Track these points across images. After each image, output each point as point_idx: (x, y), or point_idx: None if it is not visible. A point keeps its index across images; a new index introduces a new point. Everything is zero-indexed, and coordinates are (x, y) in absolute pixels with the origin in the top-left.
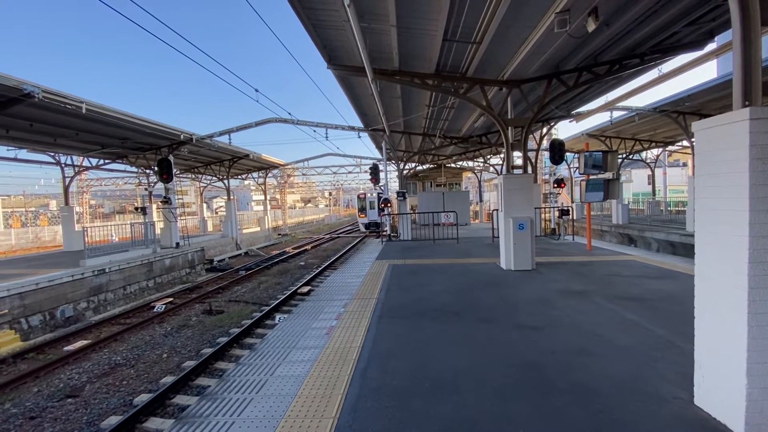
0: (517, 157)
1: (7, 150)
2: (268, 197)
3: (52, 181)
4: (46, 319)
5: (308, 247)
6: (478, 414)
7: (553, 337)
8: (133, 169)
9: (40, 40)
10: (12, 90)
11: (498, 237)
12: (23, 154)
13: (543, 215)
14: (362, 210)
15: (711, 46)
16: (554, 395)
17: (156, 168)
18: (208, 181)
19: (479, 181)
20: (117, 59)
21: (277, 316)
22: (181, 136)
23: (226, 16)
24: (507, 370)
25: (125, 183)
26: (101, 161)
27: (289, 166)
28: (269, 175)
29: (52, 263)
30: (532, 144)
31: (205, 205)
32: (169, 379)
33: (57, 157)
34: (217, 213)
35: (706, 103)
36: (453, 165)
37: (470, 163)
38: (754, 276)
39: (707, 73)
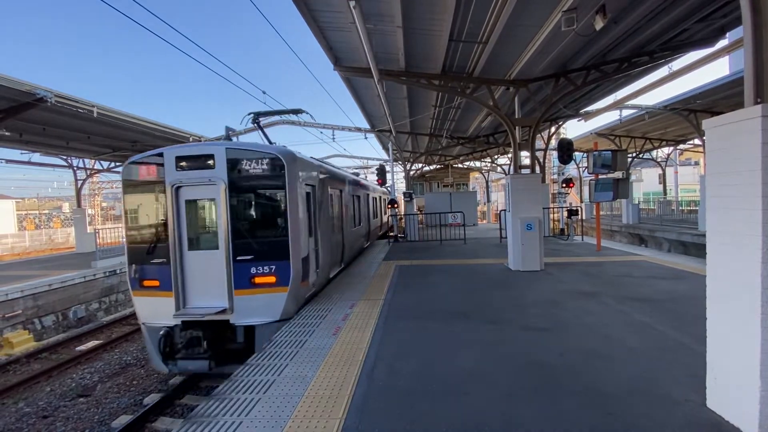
0: (525, 157)
1: (21, 153)
2: None
3: (65, 183)
4: (58, 319)
5: None
6: (486, 416)
7: (563, 339)
8: None
9: (39, 38)
10: (25, 95)
11: (506, 237)
12: (36, 157)
13: (551, 215)
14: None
15: (722, 43)
16: (563, 397)
17: None
18: None
19: (487, 182)
20: (118, 59)
21: None
22: (190, 139)
23: (231, 19)
24: (515, 372)
25: None
26: (112, 164)
27: None
28: None
29: (65, 264)
30: (540, 143)
31: None
32: (178, 380)
33: (69, 160)
34: None
35: (717, 100)
36: (460, 165)
37: (477, 164)
38: (767, 276)
39: (719, 70)
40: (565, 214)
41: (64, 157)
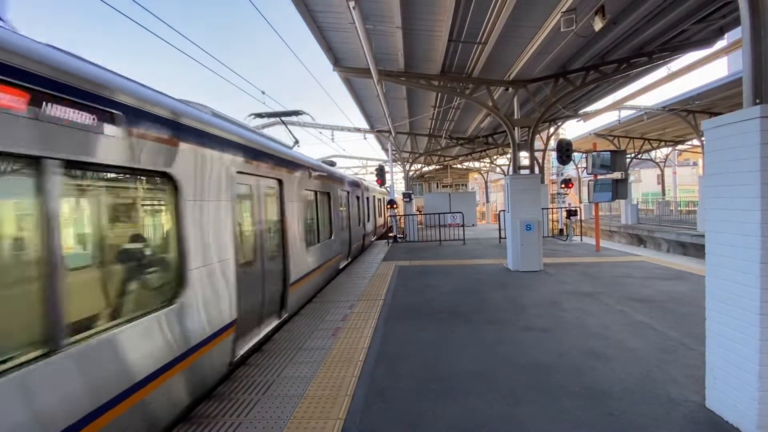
0: (524, 158)
1: None
2: None
3: None
4: None
5: None
6: (487, 416)
7: (562, 339)
8: None
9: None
10: None
11: (505, 238)
12: None
13: (551, 216)
14: None
15: (721, 44)
16: (564, 398)
17: None
18: None
19: (486, 182)
20: (114, 59)
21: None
22: None
23: (230, 19)
24: (515, 372)
25: None
26: None
27: None
28: None
29: None
30: (539, 144)
31: None
32: None
33: None
34: None
35: (716, 101)
36: (459, 166)
37: (477, 164)
38: (766, 276)
39: (718, 71)
40: (564, 214)
41: None
